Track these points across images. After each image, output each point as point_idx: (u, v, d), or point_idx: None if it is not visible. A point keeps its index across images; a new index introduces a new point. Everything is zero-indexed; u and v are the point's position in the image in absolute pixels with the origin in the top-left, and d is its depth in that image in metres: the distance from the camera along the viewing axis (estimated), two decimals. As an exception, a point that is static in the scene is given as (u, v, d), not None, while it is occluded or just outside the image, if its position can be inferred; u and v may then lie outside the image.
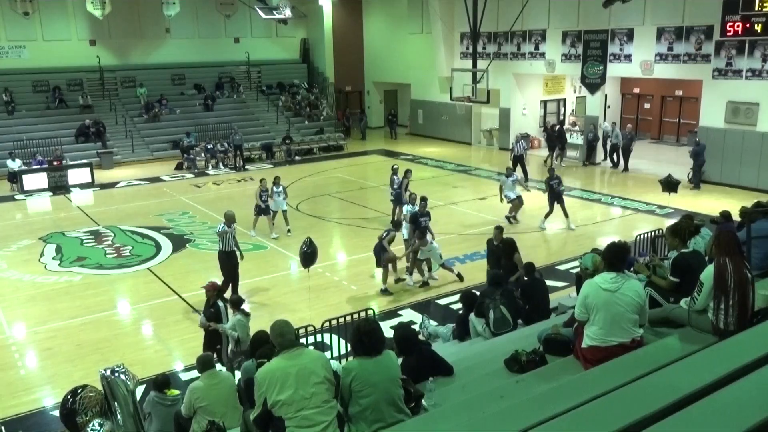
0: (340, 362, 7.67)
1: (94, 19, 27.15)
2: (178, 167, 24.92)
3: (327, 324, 9.10)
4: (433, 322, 9.21)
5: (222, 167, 25.17)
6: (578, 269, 8.36)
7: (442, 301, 11.71)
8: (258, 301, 11.94)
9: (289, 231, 15.72)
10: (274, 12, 28.58)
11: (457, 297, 10.61)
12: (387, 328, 6.66)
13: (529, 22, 25.07)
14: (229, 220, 11.69)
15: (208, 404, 6.34)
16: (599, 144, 23.87)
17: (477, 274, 12.29)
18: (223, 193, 21.26)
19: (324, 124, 30.47)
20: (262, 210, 15.62)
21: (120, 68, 29.40)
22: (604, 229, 15.81)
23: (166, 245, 15.39)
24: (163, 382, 7.21)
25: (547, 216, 15.70)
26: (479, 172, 23.34)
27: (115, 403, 3.66)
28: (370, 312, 9.70)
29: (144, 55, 30.09)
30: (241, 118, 29.21)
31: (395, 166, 17.17)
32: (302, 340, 8.47)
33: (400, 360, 5.18)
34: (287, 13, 28.36)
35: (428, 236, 12.55)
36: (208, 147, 25.43)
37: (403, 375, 4.80)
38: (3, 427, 6.62)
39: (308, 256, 11.14)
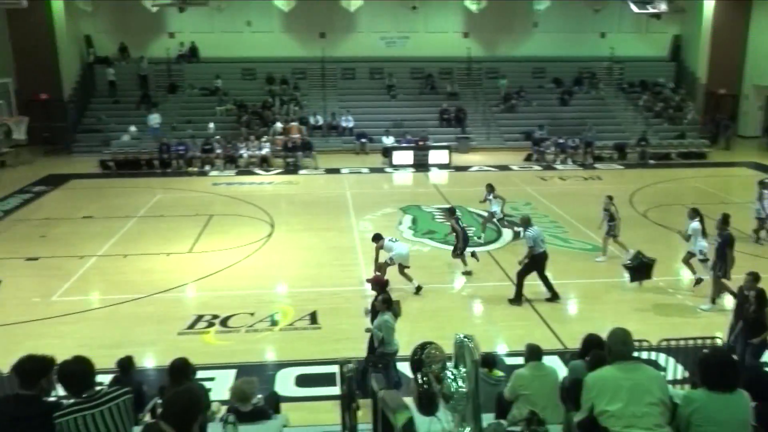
0: (674, 387, 7.12)
1: (469, 13, 29.20)
2: (527, 158, 25.53)
3: (664, 343, 8.48)
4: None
5: (570, 163, 25.01)
6: None
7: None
8: (581, 304, 11.83)
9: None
10: (648, 6, 27.07)
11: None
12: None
13: None
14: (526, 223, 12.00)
15: (530, 393, 6.46)
16: None
17: None
18: (568, 189, 21.15)
19: (686, 129, 28.01)
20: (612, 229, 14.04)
21: (486, 60, 31.16)
22: None
23: (507, 232, 15.96)
24: (490, 361, 7.56)
25: None
26: None
27: (461, 366, 3.99)
28: (717, 341, 8.73)
29: (510, 48, 31.38)
30: (596, 115, 28.57)
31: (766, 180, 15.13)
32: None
33: (753, 404, 4.60)
34: (662, 7, 26.60)
35: None
36: (559, 141, 25.50)
37: (755, 422, 4.26)
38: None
39: (634, 270, 10.53)
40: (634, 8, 27.16)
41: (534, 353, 6.83)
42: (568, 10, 30.72)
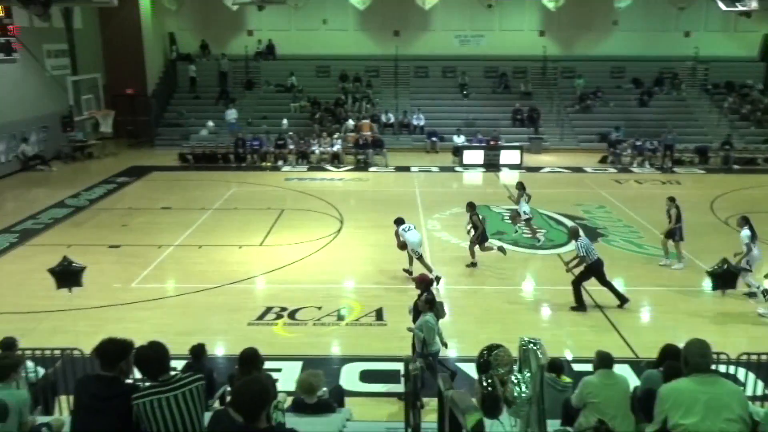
0: (753, 404, 6.78)
1: (546, 11, 28.61)
2: (602, 161, 24.85)
3: (744, 357, 8.07)
4: None
5: (647, 166, 24.19)
6: None
7: None
8: (656, 312, 11.46)
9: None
10: (737, 4, 25.79)
11: None
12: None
13: None
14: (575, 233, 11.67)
15: (599, 402, 6.28)
16: None
17: None
18: (644, 192, 20.46)
19: (775, 132, 26.62)
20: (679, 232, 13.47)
21: (562, 59, 30.48)
22: None
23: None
24: (558, 366, 7.40)
25: None
26: None
27: (526, 371, 3.94)
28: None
29: (587, 47, 30.60)
30: (677, 117, 27.49)
31: None
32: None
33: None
34: (753, 4, 25.25)
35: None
36: (637, 143, 24.71)
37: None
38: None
39: (718, 278, 10.07)
40: (722, 6, 25.91)
41: (604, 361, 6.62)
42: (651, 8, 29.67)
